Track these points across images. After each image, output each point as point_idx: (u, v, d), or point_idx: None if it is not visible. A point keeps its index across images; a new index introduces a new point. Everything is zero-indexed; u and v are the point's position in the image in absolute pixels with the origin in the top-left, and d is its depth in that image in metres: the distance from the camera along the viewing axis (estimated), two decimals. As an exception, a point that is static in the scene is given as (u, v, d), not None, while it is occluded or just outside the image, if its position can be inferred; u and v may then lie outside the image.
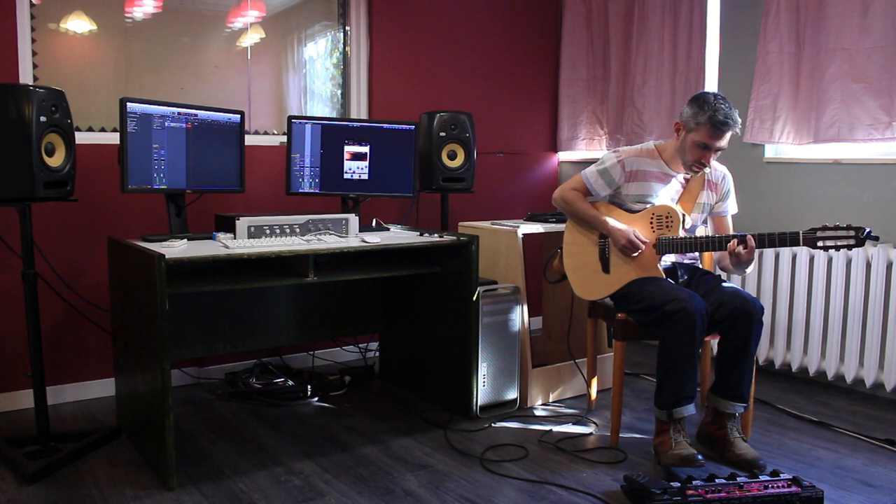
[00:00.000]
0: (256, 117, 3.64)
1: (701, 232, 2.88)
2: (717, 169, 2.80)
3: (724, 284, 2.62)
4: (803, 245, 2.39)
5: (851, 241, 2.34)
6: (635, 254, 2.64)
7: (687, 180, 2.75)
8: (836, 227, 2.35)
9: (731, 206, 2.83)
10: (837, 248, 2.36)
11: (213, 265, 2.70)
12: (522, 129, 4.46)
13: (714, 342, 3.50)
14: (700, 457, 2.37)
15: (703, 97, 2.59)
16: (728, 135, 2.56)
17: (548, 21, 4.50)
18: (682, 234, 2.65)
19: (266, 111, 3.69)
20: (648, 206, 2.70)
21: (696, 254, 2.87)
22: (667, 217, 2.64)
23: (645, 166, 2.73)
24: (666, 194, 2.73)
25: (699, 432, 2.67)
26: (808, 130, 3.34)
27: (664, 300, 2.46)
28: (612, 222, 2.69)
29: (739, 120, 2.56)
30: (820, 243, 2.37)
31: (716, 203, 2.79)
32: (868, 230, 2.32)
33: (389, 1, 3.85)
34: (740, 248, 2.47)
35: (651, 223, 2.67)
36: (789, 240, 2.41)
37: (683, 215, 2.65)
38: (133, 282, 2.47)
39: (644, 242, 2.64)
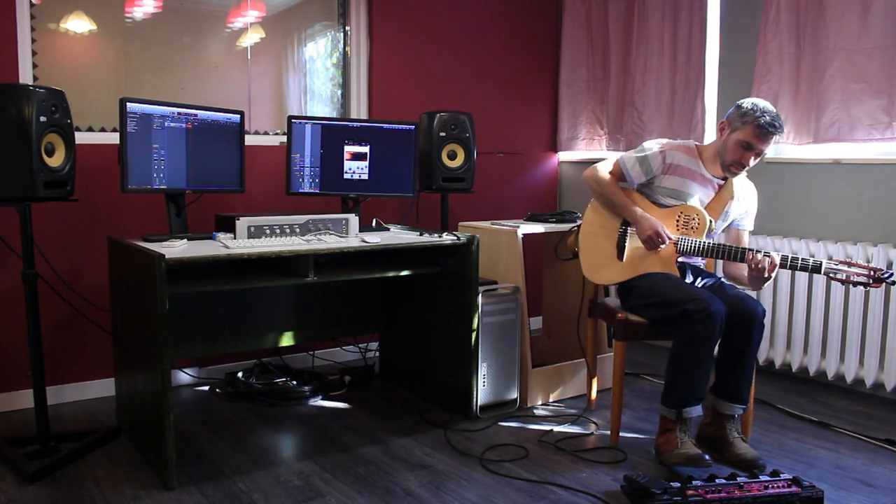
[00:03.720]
0: (256, 117, 3.64)
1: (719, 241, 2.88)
2: (747, 184, 2.79)
3: (727, 287, 2.61)
4: (824, 275, 2.44)
5: (867, 280, 2.38)
6: (661, 248, 2.62)
7: (720, 186, 2.73)
8: (857, 264, 2.41)
9: (749, 222, 2.82)
10: (854, 284, 2.40)
11: (213, 265, 2.70)
12: (522, 129, 4.46)
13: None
14: (707, 457, 2.36)
15: (754, 101, 2.61)
16: (773, 139, 2.57)
17: (548, 21, 4.50)
18: (705, 238, 2.64)
19: (266, 111, 3.69)
20: (678, 202, 2.69)
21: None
22: (695, 218, 2.64)
23: (684, 162, 2.71)
24: (698, 195, 2.71)
25: (698, 433, 2.66)
26: (808, 130, 3.33)
27: (684, 298, 2.44)
28: (642, 212, 2.67)
29: (785, 128, 2.59)
30: (836, 274, 2.42)
31: (738, 216, 2.79)
32: (891, 274, 2.36)
33: (389, 1, 3.85)
34: (765, 263, 2.45)
35: (677, 221, 2.66)
36: (811, 268, 2.44)
37: (711, 221, 2.65)
38: (133, 282, 2.47)
39: (669, 239, 2.62)
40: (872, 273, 2.36)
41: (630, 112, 4.10)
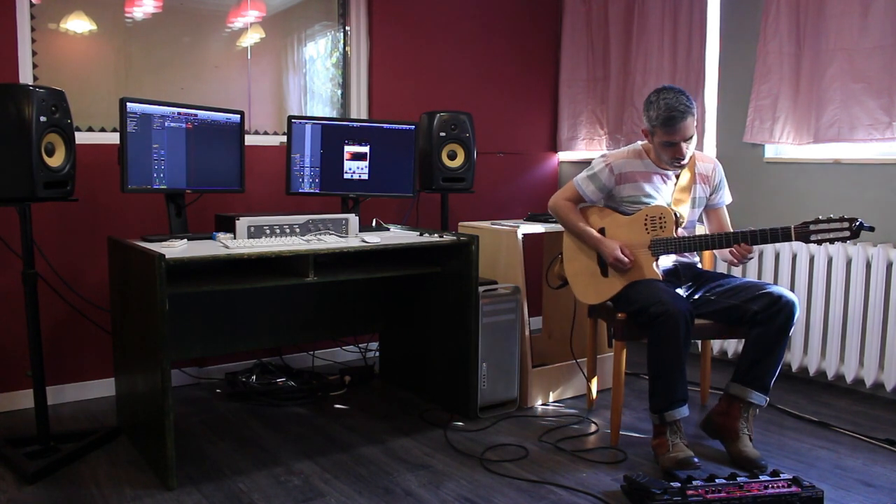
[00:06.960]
0: (256, 117, 3.64)
1: (700, 229, 2.88)
2: (706, 161, 2.81)
3: (750, 282, 2.62)
4: (796, 240, 2.38)
5: (846, 234, 2.32)
6: (628, 265, 2.64)
7: (678, 176, 2.75)
8: (829, 220, 2.33)
9: (724, 197, 2.84)
10: (832, 241, 2.34)
11: (213, 265, 2.70)
12: (522, 129, 4.46)
13: (714, 343, 3.51)
14: (696, 459, 2.37)
15: (649, 99, 2.62)
16: (685, 122, 2.55)
17: (548, 21, 4.50)
18: (678, 233, 2.64)
19: (266, 111, 3.69)
20: (643, 206, 2.70)
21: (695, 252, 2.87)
22: (660, 218, 2.64)
23: (633, 167, 2.73)
24: (658, 193, 2.73)
25: (707, 420, 2.66)
26: (808, 130, 3.34)
27: (649, 302, 2.46)
28: (599, 238, 2.71)
29: (690, 103, 2.55)
30: (813, 237, 2.35)
31: (710, 195, 2.81)
32: (860, 221, 2.30)
33: (389, 1, 3.85)
34: (753, 252, 2.51)
35: (645, 225, 2.66)
36: (781, 235, 2.40)
37: (678, 216, 2.65)
38: (133, 282, 2.47)
39: (631, 255, 2.64)
40: (850, 224, 2.30)
41: (630, 112, 4.10)
